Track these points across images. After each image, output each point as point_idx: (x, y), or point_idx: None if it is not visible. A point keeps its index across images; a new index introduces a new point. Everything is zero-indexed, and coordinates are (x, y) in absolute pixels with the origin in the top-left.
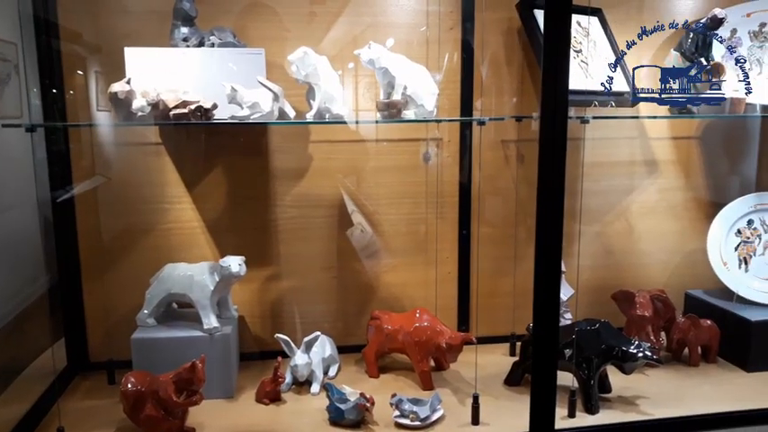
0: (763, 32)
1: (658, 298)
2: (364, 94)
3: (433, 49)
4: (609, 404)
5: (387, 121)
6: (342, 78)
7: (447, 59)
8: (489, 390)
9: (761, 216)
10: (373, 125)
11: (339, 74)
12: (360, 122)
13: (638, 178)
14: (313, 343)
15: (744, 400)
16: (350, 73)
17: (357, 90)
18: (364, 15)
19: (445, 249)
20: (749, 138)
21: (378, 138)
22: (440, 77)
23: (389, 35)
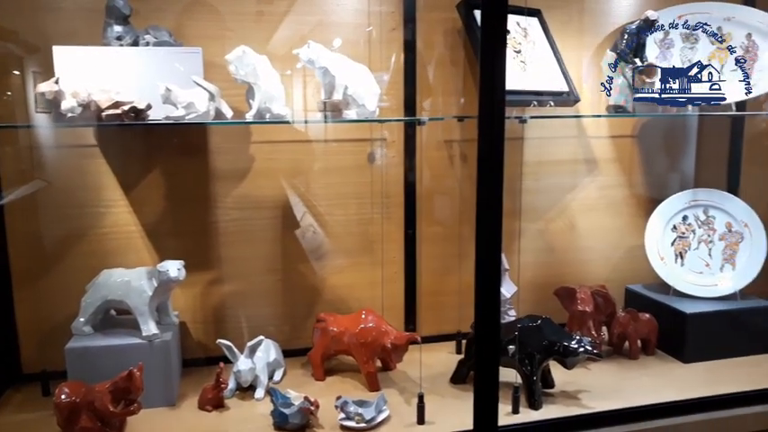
0: (693, 34)
1: (599, 293)
2: (314, 95)
3: (378, 49)
4: (552, 399)
5: (327, 121)
6: (291, 78)
7: (394, 60)
8: (435, 388)
9: (695, 212)
10: (317, 125)
11: (288, 73)
12: (298, 122)
13: (578, 176)
14: (257, 347)
15: (681, 390)
16: (299, 73)
17: (306, 90)
18: (311, 15)
19: (391, 249)
20: (684, 136)
21: (321, 138)
22: (387, 77)
23: (336, 35)
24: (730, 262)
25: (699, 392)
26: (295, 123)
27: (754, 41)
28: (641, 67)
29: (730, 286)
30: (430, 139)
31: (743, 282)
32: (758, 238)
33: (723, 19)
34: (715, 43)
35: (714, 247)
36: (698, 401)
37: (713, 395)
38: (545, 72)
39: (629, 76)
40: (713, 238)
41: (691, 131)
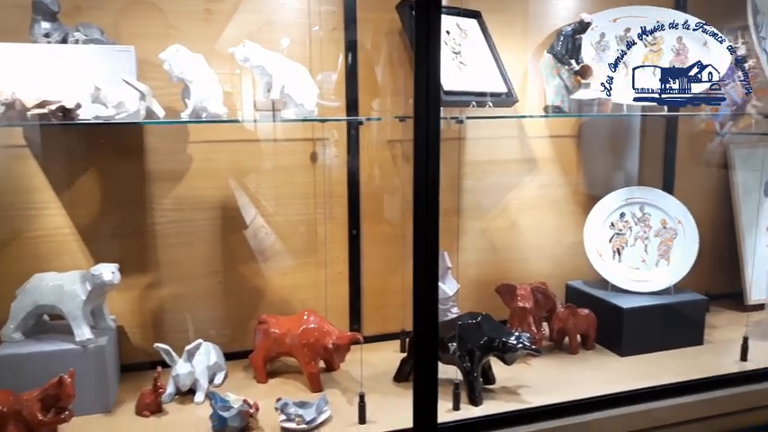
0: (627, 37)
1: (539, 290)
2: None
3: (319, 48)
4: (493, 395)
5: (256, 120)
6: (239, 78)
7: (342, 59)
8: (378, 387)
9: (631, 209)
10: (257, 124)
11: (237, 72)
12: (232, 121)
13: (519, 175)
14: (195, 351)
15: (618, 383)
16: (248, 72)
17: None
18: (256, 14)
19: (335, 249)
20: (621, 136)
21: (261, 138)
22: (335, 77)
23: (279, 34)
24: (665, 258)
25: (635, 385)
26: (230, 123)
27: (685, 44)
28: (577, 69)
29: (665, 281)
30: (373, 139)
31: (677, 276)
32: (691, 234)
33: (655, 22)
34: (648, 45)
35: (650, 243)
36: (634, 393)
37: (648, 387)
38: (484, 73)
39: (566, 78)
40: (649, 235)
41: (628, 132)
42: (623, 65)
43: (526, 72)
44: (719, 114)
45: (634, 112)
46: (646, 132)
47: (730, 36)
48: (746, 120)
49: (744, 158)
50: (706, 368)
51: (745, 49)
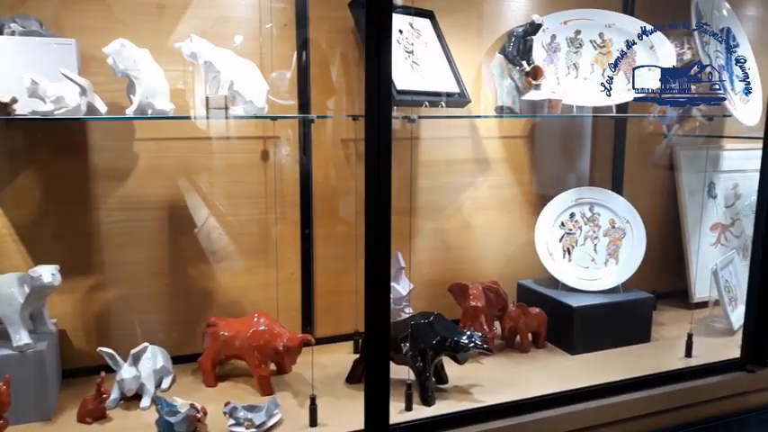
0: (578, 39)
1: (490, 289)
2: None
3: (274, 46)
4: (445, 394)
5: (211, 118)
6: (193, 74)
7: (296, 57)
8: (331, 390)
9: (581, 209)
10: (207, 122)
11: (190, 70)
12: (178, 118)
13: (472, 175)
14: (141, 355)
15: (569, 381)
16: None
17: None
18: (208, 9)
19: (287, 250)
20: (572, 137)
21: (211, 135)
22: (290, 75)
23: (228, 30)
24: (614, 257)
25: (584, 382)
26: (174, 119)
27: (632, 47)
28: (528, 70)
29: (614, 280)
30: (326, 137)
31: (625, 275)
32: (638, 233)
33: (604, 26)
34: (597, 48)
35: (599, 242)
36: (583, 391)
37: (597, 384)
38: (437, 73)
39: (517, 79)
40: (598, 235)
41: (579, 133)
42: (573, 67)
43: (479, 73)
44: (667, 117)
45: (584, 114)
46: (596, 134)
47: (677, 41)
48: (692, 122)
49: (689, 160)
50: (653, 365)
51: (691, 54)
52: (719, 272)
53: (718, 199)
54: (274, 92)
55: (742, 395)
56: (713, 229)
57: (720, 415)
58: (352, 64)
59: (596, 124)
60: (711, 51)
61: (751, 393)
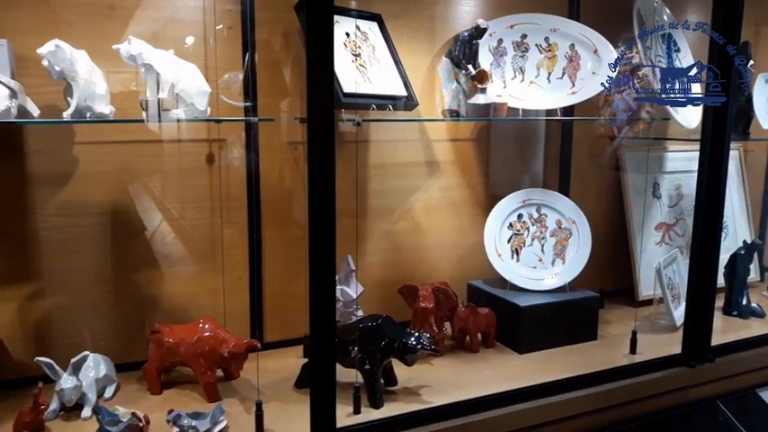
0: (524, 43)
1: (440, 290)
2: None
3: (220, 48)
4: (394, 396)
5: (149, 121)
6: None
7: (248, 59)
8: (279, 395)
9: (529, 211)
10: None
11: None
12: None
13: (422, 178)
14: (82, 363)
15: (517, 380)
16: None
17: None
18: (155, 10)
19: (235, 255)
20: (519, 139)
21: (154, 139)
22: (241, 77)
23: (176, 32)
24: (560, 257)
25: (532, 381)
26: (115, 123)
27: (577, 51)
28: (474, 74)
29: (560, 279)
30: (273, 140)
31: (571, 275)
32: (584, 234)
33: (549, 30)
34: (543, 52)
35: (546, 243)
36: (531, 389)
37: (545, 382)
38: (384, 76)
39: (463, 82)
40: (545, 235)
41: (526, 135)
42: (519, 70)
43: (428, 76)
44: (617, 119)
45: (529, 117)
46: (543, 136)
47: (627, 45)
48: (639, 125)
49: (635, 161)
50: (599, 362)
51: (639, 58)
52: (663, 270)
53: (663, 199)
54: (224, 94)
55: (683, 389)
56: (658, 228)
57: (663, 409)
58: (299, 66)
59: (543, 127)
60: (654, 56)
61: (692, 387)
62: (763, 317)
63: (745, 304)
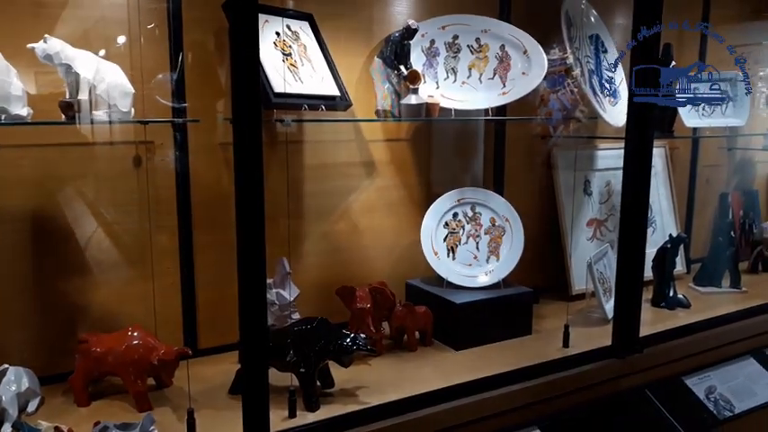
0: (456, 44)
1: (377, 290)
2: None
3: (146, 47)
4: (331, 399)
5: (69, 123)
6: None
7: (181, 59)
8: (212, 402)
9: (464, 209)
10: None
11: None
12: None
13: (358, 178)
14: (1, 378)
15: (454, 377)
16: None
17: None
18: (81, 8)
19: (165, 260)
20: (454, 139)
21: (77, 141)
22: (175, 77)
23: (104, 32)
24: (495, 254)
25: (469, 377)
26: (32, 125)
27: (507, 52)
28: (405, 74)
29: (495, 276)
30: (204, 142)
31: (505, 271)
32: (517, 231)
33: (480, 31)
34: (475, 53)
35: (481, 240)
36: (467, 385)
37: (481, 378)
38: (316, 76)
39: (395, 83)
40: (480, 233)
41: (461, 135)
42: (452, 71)
43: (361, 76)
44: (552, 119)
45: (461, 117)
46: (477, 136)
47: (561, 46)
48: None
49: (566, 160)
50: (533, 356)
51: (573, 58)
52: (594, 265)
53: (594, 196)
54: (157, 95)
55: (614, 380)
56: (589, 224)
57: (595, 400)
58: (228, 66)
59: (477, 127)
60: (582, 56)
61: (622, 378)
62: (688, 307)
63: (672, 296)
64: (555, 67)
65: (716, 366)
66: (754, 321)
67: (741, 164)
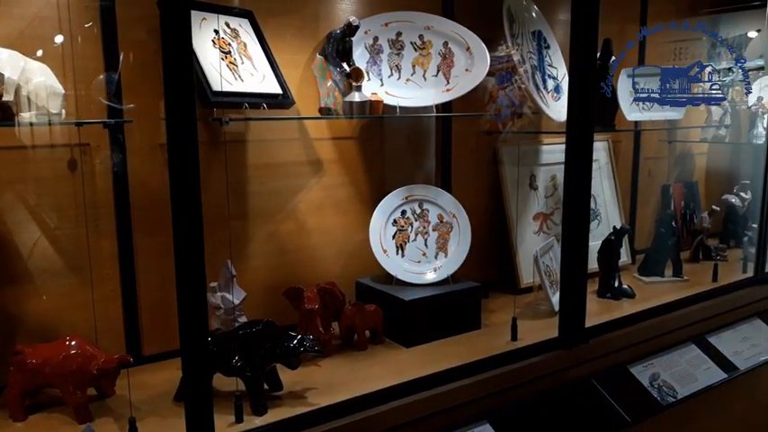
0: (399, 41)
1: (325, 290)
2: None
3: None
4: (279, 402)
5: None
6: None
7: (122, 58)
8: (157, 410)
9: (411, 206)
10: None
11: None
12: None
13: (305, 177)
14: None
15: (404, 374)
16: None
17: None
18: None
19: (105, 266)
20: (401, 137)
21: (5, 145)
22: (116, 76)
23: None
24: (443, 250)
25: (419, 373)
26: None
27: (450, 49)
28: (348, 71)
29: (444, 272)
30: (142, 143)
31: (454, 267)
32: (464, 227)
33: (423, 28)
34: (418, 50)
35: (429, 237)
36: (417, 382)
37: (430, 374)
38: (257, 74)
39: (338, 80)
40: (428, 230)
41: (407, 133)
42: (396, 68)
43: (304, 74)
44: (501, 115)
45: (406, 115)
46: (423, 134)
47: (506, 43)
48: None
49: (512, 155)
50: (482, 350)
51: (519, 55)
52: (540, 258)
53: (540, 190)
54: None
55: (561, 371)
56: (536, 218)
57: (544, 391)
58: None
59: (423, 124)
60: (525, 52)
61: (569, 369)
62: (633, 297)
63: (617, 286)
64: (502, 63)
65: (659, 354)
66: (695, 309)
67: (681, 156)
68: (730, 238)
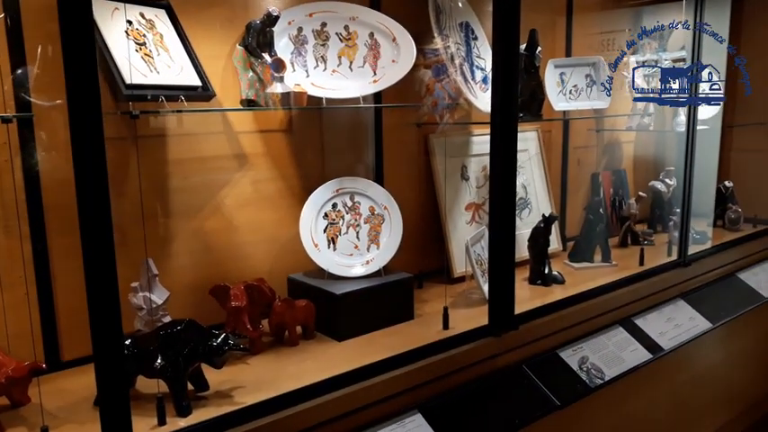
0: (324, 31)
1: (253, 287)
2: None
3: None
4: (205, 402)
5: None
6: None
7: (40, 50)
8: (76, 416)
9: (343, 199)
10: None
11: None
12: None
13: (230, 172)
14: None
15: (336, 368)
16: None
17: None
18: None
19: (17, 269)
20: (332, 129)
21: None
22: (34, 69)
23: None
24: (375, 242)
25: (350, 366)
26: None
27: (377, 40)
28: (270, 62)
29: (376, 264)
30: (56, 140)
31: (386, 259)
32: (396, 219)
33: (349, 18)
34: (344, 41)
35: (361, 230)
36: (348, 375)
37: (361, 366)
38: (175, 66)
39: (260, 71)
40: (360, 222)
41: (337, 125)
42: (321, 59)
43: (226, 66)
44: (438, 108)
45: (332, 106)
46: (354, 126)
47: (441, 35)
48: (461, 111)
49: (443, 147)
50: (415, 340)
51: (455, 48)
52: (471, 247)
53: (471, 181)
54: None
55: (492, 358)
56: (468, 208)
57: (475, 379)
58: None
59: (354, 116)
60: (452, 44)
61: (499, 356)
62: (563, 283)
63: (547, 273)
64: (438, 56)
65: (588, 337)
66: (622, 292)
67: (610, 145)
68: (657, 224)
